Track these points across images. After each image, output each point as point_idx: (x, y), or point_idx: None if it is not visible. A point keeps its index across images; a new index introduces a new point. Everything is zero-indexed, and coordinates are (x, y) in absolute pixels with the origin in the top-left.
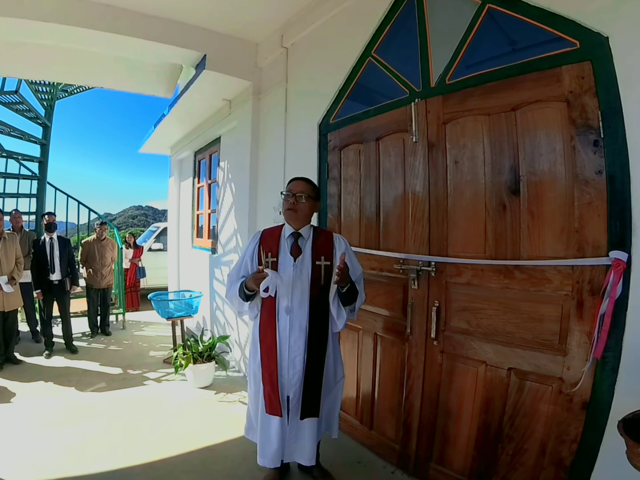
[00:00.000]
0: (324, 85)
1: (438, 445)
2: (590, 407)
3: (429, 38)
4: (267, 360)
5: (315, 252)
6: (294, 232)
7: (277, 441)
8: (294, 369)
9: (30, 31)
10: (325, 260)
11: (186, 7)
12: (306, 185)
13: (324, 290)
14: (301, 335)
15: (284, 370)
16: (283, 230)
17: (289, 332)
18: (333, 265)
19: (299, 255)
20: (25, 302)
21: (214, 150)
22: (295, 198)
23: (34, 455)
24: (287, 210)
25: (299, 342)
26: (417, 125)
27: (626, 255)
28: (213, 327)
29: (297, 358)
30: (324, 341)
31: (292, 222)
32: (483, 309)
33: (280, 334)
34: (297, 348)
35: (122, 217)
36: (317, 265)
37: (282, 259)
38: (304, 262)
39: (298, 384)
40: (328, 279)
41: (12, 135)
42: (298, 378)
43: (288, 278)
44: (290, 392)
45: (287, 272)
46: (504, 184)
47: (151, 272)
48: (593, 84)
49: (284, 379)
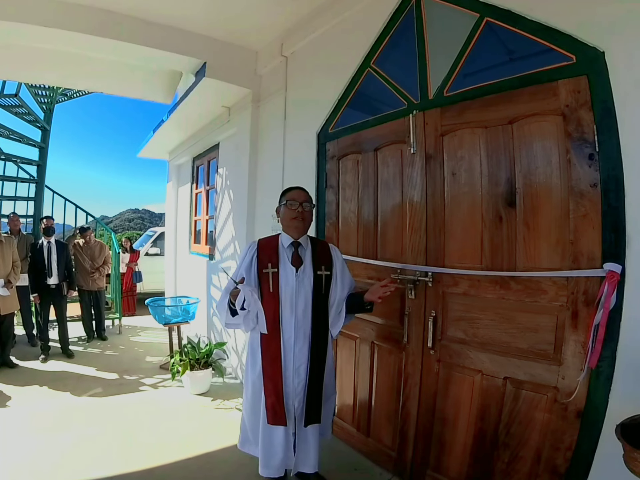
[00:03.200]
0: (323, 95)
1: (434, 452)
2: (585, 415)
3: (428, 50)
4: (271, 371)
5: (317, 262)
6: (293, 242)
7: (282, 450)
8: (298, 377)
9: (31, 36)
10: (325, 270)
11: (187, 14)
12: (308, 194)
13: (324, 299)
14: (305, 344)
15: (289, 379)
16: (280, 240)
17: (293, 341)
18: (332, 275)
19: (300, 265)
20: (22, 306)
21: (213, 157)
22: (302, 207)
23: (29, 459)
24: (293, 220)
25: (304, 350)
26: (415, 136)
27: (620, 267)
28: (210, 333)
29: (301, 367)
30: (325, 348)
31: (297, 231)
32: (479, 318)
33: (285, 344)
34: (302, 356)
35: (118, 220)
36: (319, 275)
37: (283, 269)
38: (305, 272)
39: (302, 392)
40: (328, 288)
41: (11, 138)
42: (302, 386)
43: (291, 288)
44: (296, 400)
45: (290, 282)
46: (501, 195)
47: (148, 277)
48: (589, 98)
49: (289, 388)
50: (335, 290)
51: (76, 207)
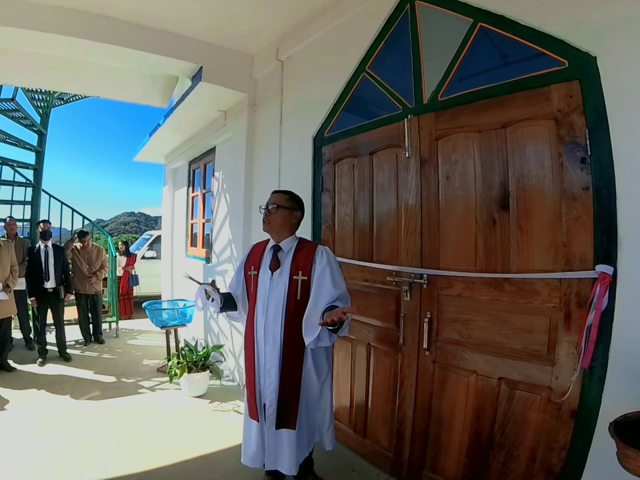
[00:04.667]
0: (318, 99)
1: (431, 453)
2: (579, 415)
3: (422, 55)
4: (248, 367)
5: (294, 267)
6: (274, 246)
7: (255, 444)
8: (269, 378)
9: (27, 40)
10: (302, 275)
11: (183, 19)
12: (279, 195)
13: (301, 305)
14: (275, 347)
15: (261, 378)
16: (268, 243)
17: (264, 343)
18: (311, 280)
19: (276, 268)
20: (19, 310)
21: (209, 160)
22: (268, 210)
23: (27, 462)
24: (263, 223)
25: (273, 353)
26: (410, 140)
27: (612, 269)
28: (207, 336)
29: (272, 369)
30: (300, 355)
31: (269, 233)
32: (474, 320)
33: (258, 344)
34: (272, 359)
35: (114, 224)
36: (295, 280)
37: (262, 272)
38: (281, 276)
39: (273, 394)
40: (305, 295)
41: (8, 142)
42: (273, 388)
43: (265, 291)
44: (267, 400)
45: (265, 285)
46: (494, 199)
47: (144, 280)
48: (581, 102)
49: (261, 386)
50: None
51: (72, 211)
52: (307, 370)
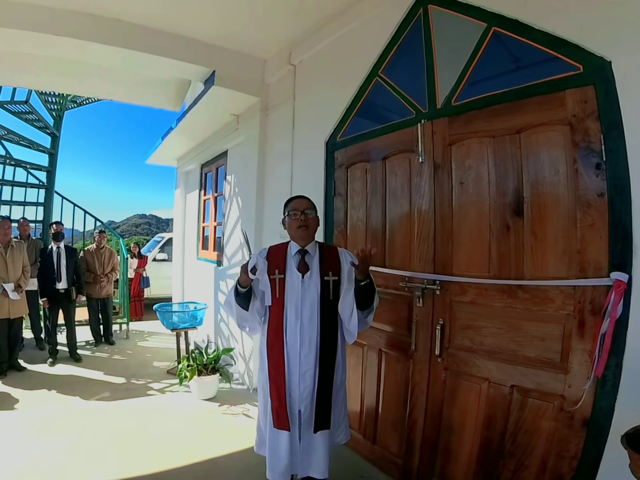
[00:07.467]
0: (331, 104)
1: (440, 460)
2: (591, 424)
3: (435, 59)
4: (275, 375)
5: (323, 268)
6: (300, 249)
7: (287, 456)
8: (304, 383)
9: (41, 43)
10: (333, 275)
11: (196, 23)
12: (310, 202)
13: (333, 305)
14: (311, 351)
15: (294, 384)
16: (289, 248)
17: (299, 347)
18: (341, 280)
19: (306, 271)
20: (31, 310)
21: (221, 164)
22: (305, 214)
23: (36, 462)
24: (299, 228)
25: (309, 357)
26: (424, 146)
27: (627, 277)
28: (217, 339)
29: (307, 373)
30: (334, 355)
31: (303, 239)
32: (486, 327)
33: (289, 349)
34: (307, 363)
35: (125, 226)
36: (326, 281)
37: (289, 276)
38: (312, 278)
39: (309, 398)
40: (336, 294)
41: (21, 144)
42: (309, 392)
43: (297, 294)
44: (302, 406)
45: (296, 288)
46: (508, 205)
47: (155, 282)
48: (596, 107)
49: (295, 393)
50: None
51: (85, 213)
52: (337, 368)
